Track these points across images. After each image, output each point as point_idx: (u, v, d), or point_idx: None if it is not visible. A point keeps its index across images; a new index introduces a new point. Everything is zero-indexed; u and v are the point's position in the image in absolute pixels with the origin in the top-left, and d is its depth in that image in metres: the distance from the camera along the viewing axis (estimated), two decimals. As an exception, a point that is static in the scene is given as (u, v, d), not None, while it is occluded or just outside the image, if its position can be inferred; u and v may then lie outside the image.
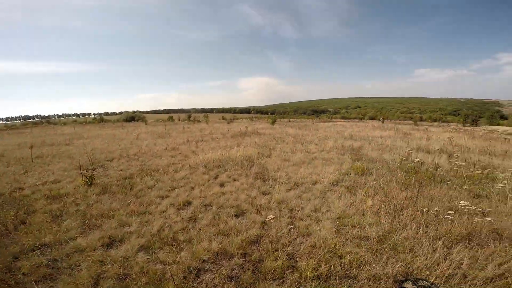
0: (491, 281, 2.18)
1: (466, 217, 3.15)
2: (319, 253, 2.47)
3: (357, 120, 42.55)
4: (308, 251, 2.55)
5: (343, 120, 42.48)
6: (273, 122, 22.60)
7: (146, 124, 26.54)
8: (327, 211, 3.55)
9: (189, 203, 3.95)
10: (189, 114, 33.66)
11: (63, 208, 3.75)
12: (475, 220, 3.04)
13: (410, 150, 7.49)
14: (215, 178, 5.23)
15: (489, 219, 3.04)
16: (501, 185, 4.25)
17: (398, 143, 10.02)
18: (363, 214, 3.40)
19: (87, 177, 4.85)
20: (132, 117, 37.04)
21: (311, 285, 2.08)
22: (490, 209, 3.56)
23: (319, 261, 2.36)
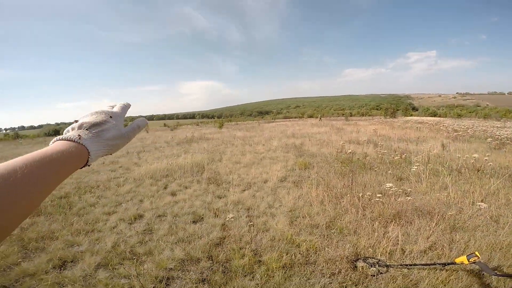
0: (425, 253, 2.52)
1: (393, 198, 3.56)
2: (280, 245, 2.72)
3: (297, 119, 45.60)
4: (269, 245, 2.78)
5: (285, 119, 44.99)
6: (221, 126, 22.64)
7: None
8: (279, 206, 3.88)
9: (140, 216, 3.83)
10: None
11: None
12: (399, 200, 3.49)
13: (343, 143, 8.56)
14: (165, 188, 5.12)
15: (409, 198, 3.51)
16: (415, 167, 4.97)
17: (333, 137, 11.29)
18: (311, 204, 3.81)
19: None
20: (56, 131, 32.28)
21: (278, 275, 2.28)
22: (410, 189, 4.20)
23: (280, 253, 2.59)
